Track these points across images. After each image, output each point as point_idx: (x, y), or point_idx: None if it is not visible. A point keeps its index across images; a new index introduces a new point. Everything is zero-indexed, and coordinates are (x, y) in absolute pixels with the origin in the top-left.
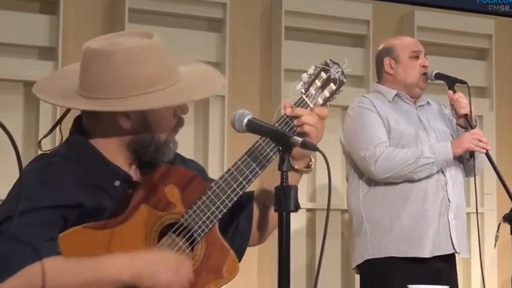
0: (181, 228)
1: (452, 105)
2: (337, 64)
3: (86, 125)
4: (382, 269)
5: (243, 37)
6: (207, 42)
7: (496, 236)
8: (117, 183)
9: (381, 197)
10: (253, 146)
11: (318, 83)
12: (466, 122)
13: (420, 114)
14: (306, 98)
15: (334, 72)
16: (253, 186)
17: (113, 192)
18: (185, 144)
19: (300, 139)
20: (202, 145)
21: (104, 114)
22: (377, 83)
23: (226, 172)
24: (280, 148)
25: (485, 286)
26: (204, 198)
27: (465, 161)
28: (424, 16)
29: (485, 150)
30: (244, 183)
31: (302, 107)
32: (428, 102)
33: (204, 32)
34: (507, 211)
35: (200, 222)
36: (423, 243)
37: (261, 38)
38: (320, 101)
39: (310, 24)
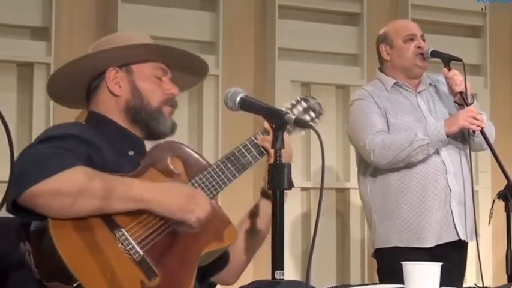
0: None
1: (447, 83)
2: (314, 98)
3: (92, 102)
4: (388, 258)
5: (237, 16)
6: (201, 21)
7: (491, 213)
8: (131, 153)
9: (383, 188)
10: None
11: (300, 108)
12: (462, 100)
13: (420, 101)
14: None
15: (313, 102)
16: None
17: (129, 160)
18: (179, 123)
19: (293, 116)
20: (197, 125)
21: (99, 87)
22: (379, 70)
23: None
24: (274, 126)
25: (481, 261)
26: (210, 169)
27: (469, 137)
28: None
29: (480, 128)
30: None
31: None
32: (430, 83)
33: (197, 11)
34: (501, 189)
35: (205, 189)
36: (425, 233)
37: (255, 17)
38: None
39: (304, 2)
